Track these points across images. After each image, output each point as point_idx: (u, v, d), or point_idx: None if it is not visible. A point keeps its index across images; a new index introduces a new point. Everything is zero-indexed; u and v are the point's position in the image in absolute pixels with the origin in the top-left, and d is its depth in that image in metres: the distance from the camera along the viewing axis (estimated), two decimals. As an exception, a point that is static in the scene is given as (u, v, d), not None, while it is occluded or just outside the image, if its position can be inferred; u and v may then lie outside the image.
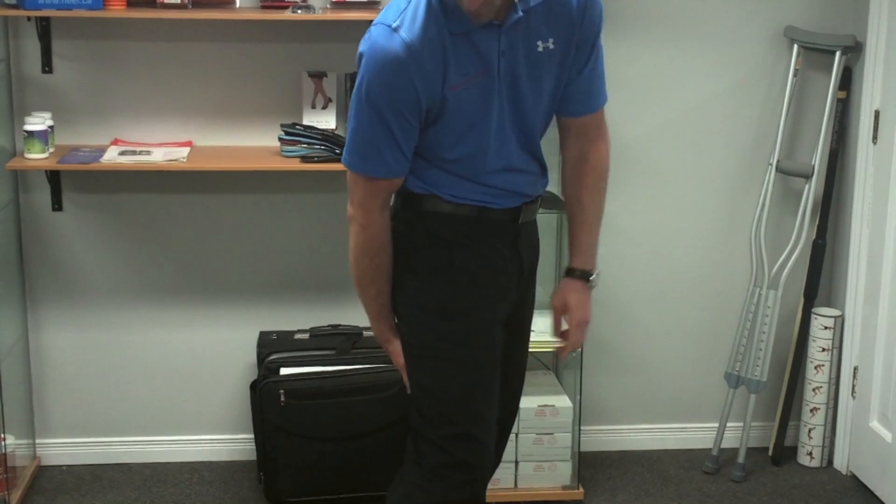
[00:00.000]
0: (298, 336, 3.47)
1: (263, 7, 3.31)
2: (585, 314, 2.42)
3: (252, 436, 3.45)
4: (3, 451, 3.26)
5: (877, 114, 3.45)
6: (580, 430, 3.45)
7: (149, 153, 3.31)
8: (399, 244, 2.31)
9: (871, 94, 3.46)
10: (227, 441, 3.65)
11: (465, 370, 2.30)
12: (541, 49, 2.21)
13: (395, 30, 2.11)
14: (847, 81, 3.57)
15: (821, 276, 3.66)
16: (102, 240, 3.50)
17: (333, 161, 3.24)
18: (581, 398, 3.44)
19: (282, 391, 3.27)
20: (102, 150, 3.32)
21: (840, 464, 3.66)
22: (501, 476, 3.23)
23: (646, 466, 3.68)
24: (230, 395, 3.62)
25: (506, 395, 2.48)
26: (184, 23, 3.35)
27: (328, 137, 3.26)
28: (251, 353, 3.51)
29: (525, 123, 2.27)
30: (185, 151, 3.34)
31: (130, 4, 3.21)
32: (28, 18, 3.28)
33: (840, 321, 3.61)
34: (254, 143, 3.46)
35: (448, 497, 2.33)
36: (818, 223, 3.64)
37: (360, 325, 3.51)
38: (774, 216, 3.66)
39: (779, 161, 3.58)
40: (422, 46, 2.10)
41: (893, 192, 3.38)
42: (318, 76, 3.40)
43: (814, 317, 3.63)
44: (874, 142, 3.47)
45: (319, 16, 3.24)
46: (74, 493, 3.44)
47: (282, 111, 3.42)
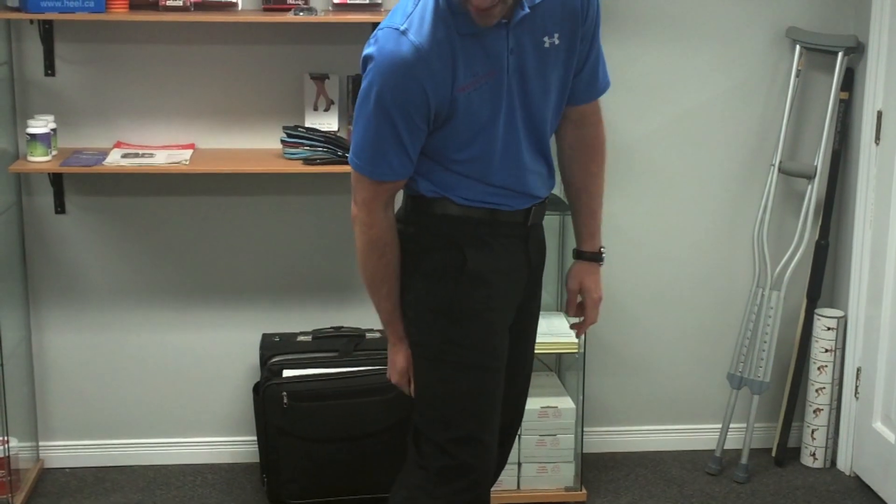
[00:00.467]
0: (301, 338, 3.47)
1: (265, 9, 3.31)
2: (600, 293, 2.52)
3: (255, 438, 3.45)
4: (7, 454, 3.26)
5: (879, 114, 3.45)
6: (583, 432, 3.45)
7: (151, 156, 3.31)
8: (409, 246, 2.31)
9: (874, 95, 3.46)
10: (230, 443, 3.65)
11: (472, 374, 2.30)
12: (547, 45, 2.21)
13: (404, 33, 2.10)
14: (849, 82, 3.57)
15: (823, 277, 3.66)
16: (105, 242, 3.51)
17: (336, 163, 3.24)
18: (584, 399, 3.44)
19: (284, 393, 3.27)
20: (105, 153, 3.32)
21: (843, 465, 3.66)
22: (504, 477, 3.21)
23: (649, 468, 3.68)
24: (233, 398, 3.63)
25: (511, 397, 2.48)
26: (186, 25, 3.35)
27: (330, 140, 3.26)
28: (254, 355, 3.51)
29: (535, 121, 2.27)
30: (188, 154, 3.34)
31: (133, 7, 3.21)
32: (30, 21, 3.28)
33: (843, 322, 3.61)
34: (256, 146, 3.46)
35: (452, 500, 2.33)
36: (821, 224, 3.64)
37: (363, 328, 3.51)
38: (777, 217, 3.66)
39: (781, 162, 3.58)
40: (430, 48, 2.10)
41: (896, 193, 3.39)
42: (321, 78, 3.40)
43: (817, 317, 3.62)
44: (877, 142, 3.47)
45: (321, 18, 3.24)
46: (78, 496, 3.44)
47: (284, 113, 3.42)
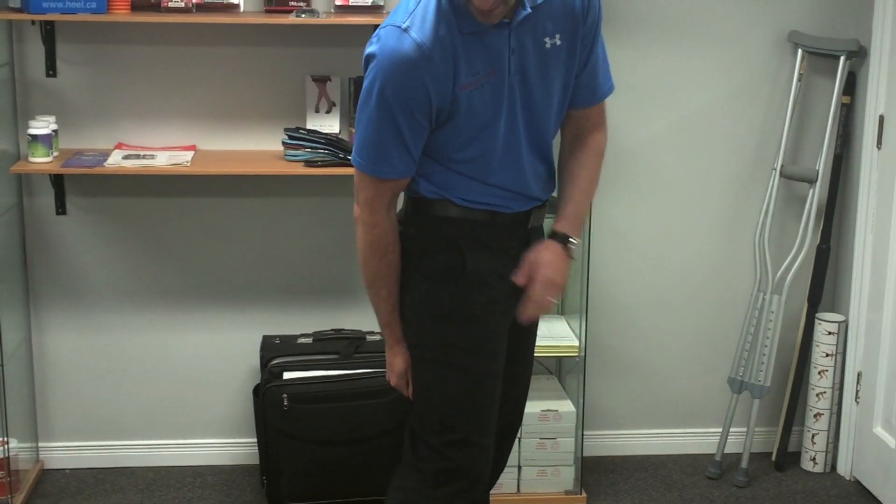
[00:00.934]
0: (301, 340, 3.47)
1: (267, 11, 3.31)
2: (555, 274, 2.31)
3: (255, 440, 3.45)
4: (7, 455, 3.26)
5: (881, 119, 3.45)
6: (583, 435, 3.45)
7: (152, 157, 3.31)
8: (410, 248, 2.31)
9: (876, 99, 3.46)
10: (230, 445, 3.65)
11: (470, 377, 2.30)
12: (548, 45, 2.20)
13: (406, 30, 2.10)
14: (851, 86, 3.57)
15: (825, 282, 3.65)
16: (106, 243, 3.51)
17: (337, 165, 3.24)
18: (584, 403, 3.44)
19: (285, 395, 3.27)
20: (106, 154, 3.32)
21: (843, 469, 3.65)
22: (504, 481, 3.22)
23: (649, 471, 3.68)
24: (233, 399, 3.62)
25: (511, 400, 2.47)
26: (188, 27, 3.35)
27: (332, 142, 3.26)
28: (254, 357, 3.51)
29: (536, 122, 2.26)
30: (189, 155, 3.34)
31: (134, 8, 3.21)
32: (32, 22, 3.28)
33: (844, 326, 3.61)
34: (257, 148, 3.46)
35: (447, 502, 2.33)
36: (822, 228, 3.64)
37: (363, 330, 3.51)
38: (778, 221, 3.65)
39: (783, 166, 3.58)
40: (433, 46, 2.09)
41: (897, 198, 3.38)
42: (322, 80, 3.40)
43: (817, 322, 3.62)
44: (878, 147, 3.47)
45: (323, 20, 3.24)
46: (77, 497, 3.44)
47: (285, 115, 3.42)
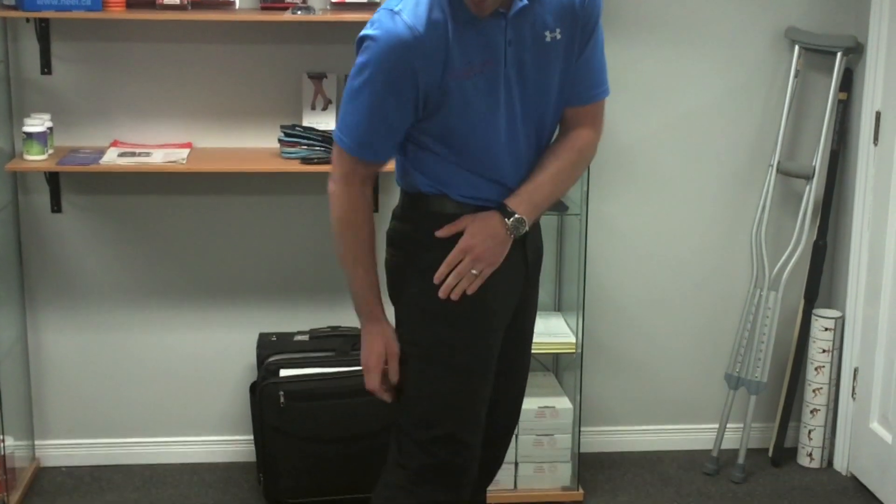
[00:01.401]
0: (298, 338, 3.47)
1: (263, 8, 3.31)
2: (475, 244, 2.22)
3: (252, 437, 3.45)
4: (3, 453, 3.25)
5: (878, 115, 3.45)
6: (580, 432, 3.45)
7: (148, 155, 3.30)
8: (405, 244, 2.30)
9: (872, 96, 3.46)
10: (227, 442, 3.65)
11: (458, 375, 2.29)
12: (549, 39, 2.19)
13: (397, 13, 2.10)
14: (848, 83, 3.56)
15: (821, 278, 3.66)
16: (102, 241, 3.50)
17: (333, 162, 3.24)
18: (581, 399, 3.44)
19: (281, 393, 3.27)
20: (102, 152, 3.31)
21: (840, 465, 3.66)
22: (501, 477, 3.22)
23: (646, 468, 3.68)
24: (230, 397, 3.62)
25: (508, 398, 2.47)
26: (183, 24, 3.34)
27: (328, 139, 3.26)
28: (251, 355, 3.50)
29: (534, 116, 2.25)
30: (185, 153, 3.33)
31: (130, 6, 3.21)
32: (27, 20, 3.27)
33: (840, 322, 3.61)
34: (254, 145, 3.45)
35: (431, 499, 2.32)
36: (819, 224, 3.64)
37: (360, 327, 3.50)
38: (775, 217, 3.65)
39: (779, 162, 3.58)
40: (424, 31, 2.09)
41: (894, 194, 3.38)
42: (318, 77, 3.40)
43: (814, 318, 3.62)
44: (875, 143, 3.47)
45: (319, 17, 3.23)
46: (74, 495, 3.44)
47: (282, 113, 3.42)
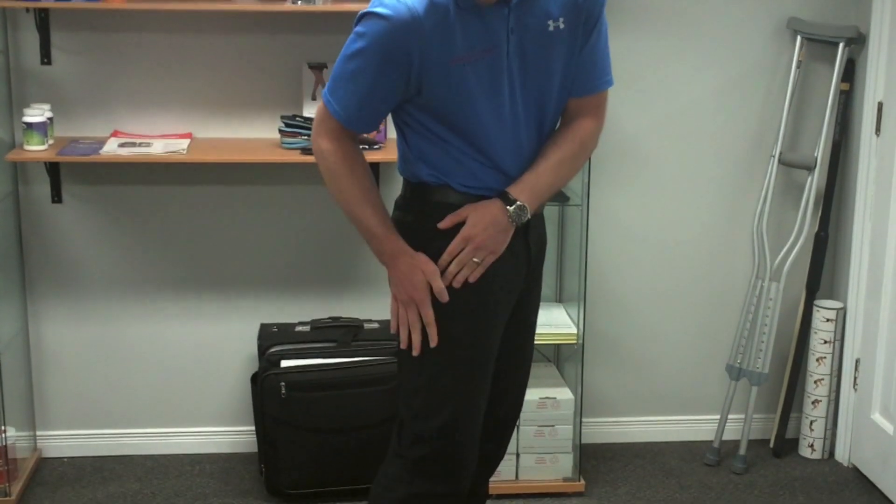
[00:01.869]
0: (299, 328, 3.47)
1: (264, -2, 3.30)
2: (476, 232, 2.22)
3: (253, 428, 3.45)
4: (4, 444, 3.26)
5: (880, 106, 3.44)
6: (581, 423, 3.45)
7: (148, 145, 3.30)
8: (407, 234, 2.28)
9: (875, 86, 3.45)
10: (228, 433, 3.65)
11: (458, 367, 2.28)
12: (552, 28, 2.18)
13: None
14: (850, 73, 3.56)
15: (823, 269, 3.65)
16: (102, 232, 3.50)
17: (334, 153, 3.23)
18: (582, 390, 3.44)
19: (283, 383, 3.27)
20: (102, 142, 3.31)
21: (841, 456, 3.66)
22: (502, 468, 3.21)
23: (647, 458, 3.68)
24: (231, 388, 3.62)
25: (510, 390, 2.47)
26: (183, 14, 3.33)
27: (329, 129, 3.25)
28: (252, 346, 3.50)
29: (536, 106, 2.24)
30: (185, 143, 3.33)
31: (130, -5, 3.20)
32: (27, 10, 3.26)
33: (842, 313, 3.60)
34: (254, 135, 3.45)
35: (429, 490, 2.32)
36: (820, 215, 3.64)
37: (361, 318, 3.51)
38: (777, 208, 3.65)
39: (781, 153, 3.57)
40: (423, 12, 2.08)
41: (896, 185, 3.38)
42: (319, 68, 3.39)
43: (816, 309, 3.62)
44: (877, 134, 3.46)
45: (320, 7, 3.22)
46: (75, 485, 3.44)
47: (282, 103, 3.41)
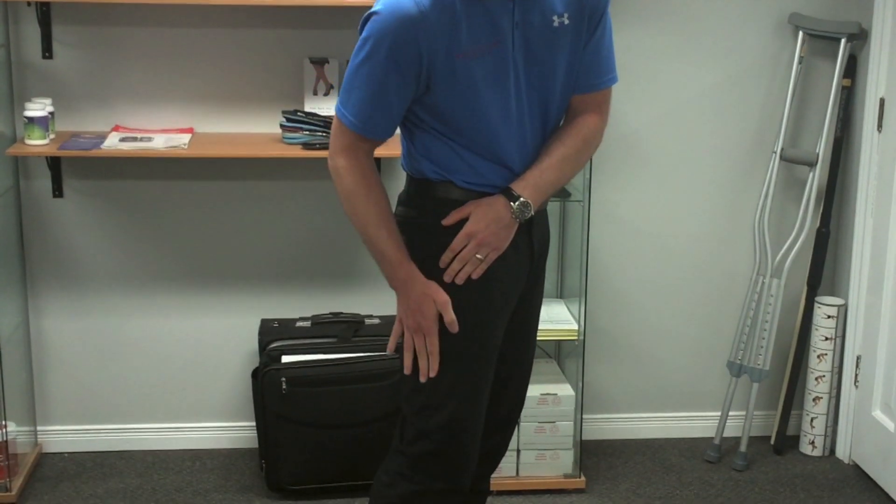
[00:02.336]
0: (300, 324, 3.46)
1: (265, -7, 3.29)
2: (479, 229, 2.21)
3: (253, 423, 3.45)
4: (5, 438, 3.26)
5: (882, 102, 3.43)
6: (582, 419, 3.45)
7: (150, 140, 3.29)
8: (410, 230, 2.28)
9: (876, 82, 3.45)
10: (229, 428, 3.65)
11: (461, 363, 2.28)
12: (556, 24, 2.18)
13: None
14: (852, 69, 3.55)
15: (824, 265, 3.65)
16: (103, 226, 3.49)
17: (335, 148, 3.23)
18: (583, 387, 3.43)
19: (283, 379, 3.26)
20: (103, 137, 3.30)
21: (842, 453, 3.65)
22: (503, 465, 3.20)
23: (647, 455, 3.68)
24: (232, 383, 3.62)
25: (512, 386, 2.46)
26: (185, 8, 3.33)
27: (330, 124, 3.23)
28: (252, 341, 3.50)
29: (541, 101, 2.24)
30: (186, 138, 3.32)
31: (131, -10, 3.20)
32: (28, 3, 3.26)
33: (843, 310, 3.60)
34: (255, 130, 3.45)
35: (430, 486, 2.32)
36: (822, 212, 3.63)
37: (362, 314, 3.50)
38: (778, 204, 3.65)
39: (783, 149, 3.57)
40: (431, 7, 2.08)
41: (898, 181, 3.37)
42: (320, 63, 3.38)
43: (817, 306, 3.62)
44: (879, 130, 3.45)
45: (321, 1, 3.22)
46: (76, 480, 3.44)
47: (283, 98, 3.41)
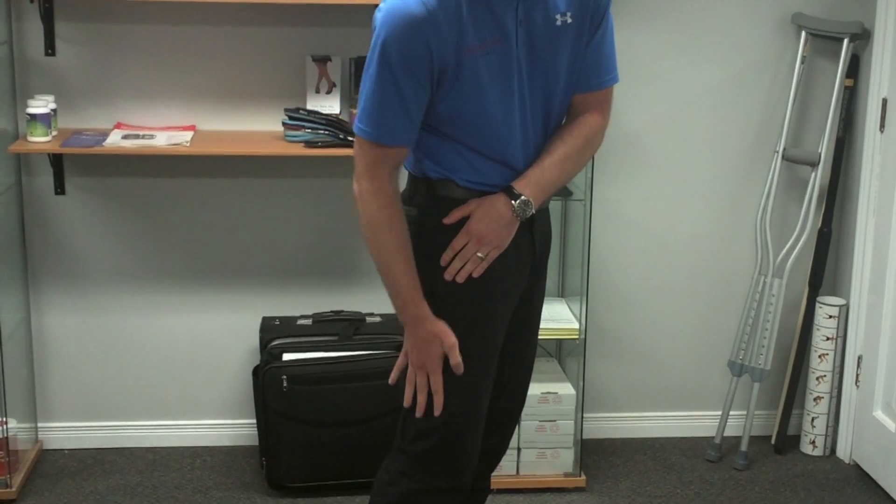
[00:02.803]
0: (301, 322, 3.46)
1: (268, -10, 3.29)
2: (481, 227, 2.21)
3: (254, 421, 3.45)
4: (5, 435, 3.26)
5: (884, 102, 3.43)
6: (583, 418, 3.45)
7: (152, 137, 3.30)
8: (411, 228, 2.28)
9: (879, 82, 3.44)
10: (230, 426, 3.65)
11: (463, 361, 2.28)
12: (559, 23, 2.18)
13: None
14: (855, 69, 3.55)
15: (826, 265, 3.65)
16: (105, 224, 3.50)
17: (337, 146, 3.23)
18: (584, 385, 3.43)
19: (284, 377, 3.26)
20: (105, 134, 3.30)
21: (843, 453, 3.65)
22: (503, 463, 3.20)
23: (648, 454, 3.68)
24: (232, 381, 3.62)
25: (514, 384, 2.46)
26: (187, 6, 3.33)
27: (332, 122, 3.25)
28: (254, 339, 3.50)
29: (543, 100, 2.23)
30: (189, 136, 3.32)
31: (134, -13, 3.20)
32: (31, 0, 3.26)
33: (845, 310, 3.60)
34: (257, 128, 3.45)
35: (431, 484, 2.32)
36: (824, 212, 3.63)
37: (363, 312, 3.51)
38: (780, 204, 3.64)
39: (785, 149, 3.56)
40: (438, 6, 2.07)
41: (900, 181, 3.37)
42: (323, 60, 3.38)
43: (818, 305, 3.62)
44: (881, 130, 3.45)
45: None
46: (76, 477, 3.44)
47: (286, 96, 3.41)
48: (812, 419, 3.67)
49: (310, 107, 3.35)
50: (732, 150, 3.64)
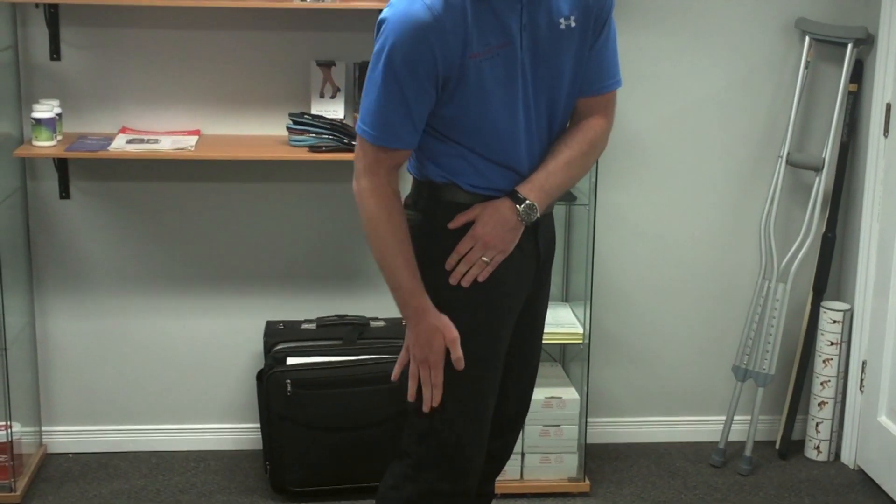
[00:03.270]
0: (305, 326, 3.47)
1: (272, -5, 3.30)
2: (485, 232, 2.22)
3: (258, 425, 3.45)
4: (10, 439, 3.26)
5: (888, 107, 3.43)
6: (587, 423, 3.44)
7: (157, 141, 3.30)
8: (416, 233, 2.28)
9: (883, 87, 3.44)
10: (234, 430, 3.65)
11: (468, 364, 2.27)
12: (563, 26, 2.18)
13: None
14: (858, 74, 3.55)
15: (830, 270, 3.65)
16: (110, 228, 3.50)
17: (342, 151, 3.23)
18: (588, 390, 3.43)
19: (288, 381, 3.27)
20: (110, 138, 3.31)
21: (847, 458, 3.65)
22: (507, 468, 3.19)
23: (652, 459, 3.68)
24: (237, 385, 3.62)
25: (518, 389, 2.46)
26: (192, 10, 3.34)
27: (336, 127, 3.25)
28: (258, 343, 3.50)
29: (547, 104, 2.23)
30: (193, 140, 3.33)
31: (139, -8, 3.21)
32: (36, 5, 3.27)
33: (849, 315, 3.60)
34: (262, 133, 3.45)
35: (435, 487, 2.31)
36: (828, 216, 3.63)
37: (367, 316, 3.51)
38: (784, 209, 3.64)
39: (789, 154, 3.56)
40: (443, 11, 2.08)
41: (904, 186, 3.37)
42: (327, 65, 3.39)
43: (822, 310, 3.61)
44: (885, 135, 3.45)
45: (329, 4, 3.22)
46: (80, 481, 3.44)
47: (290, 100, 3.41)
48: (816, 424, 3.66)
49: (314, 111, 3.36)
50: (736, 155, 3.64)
